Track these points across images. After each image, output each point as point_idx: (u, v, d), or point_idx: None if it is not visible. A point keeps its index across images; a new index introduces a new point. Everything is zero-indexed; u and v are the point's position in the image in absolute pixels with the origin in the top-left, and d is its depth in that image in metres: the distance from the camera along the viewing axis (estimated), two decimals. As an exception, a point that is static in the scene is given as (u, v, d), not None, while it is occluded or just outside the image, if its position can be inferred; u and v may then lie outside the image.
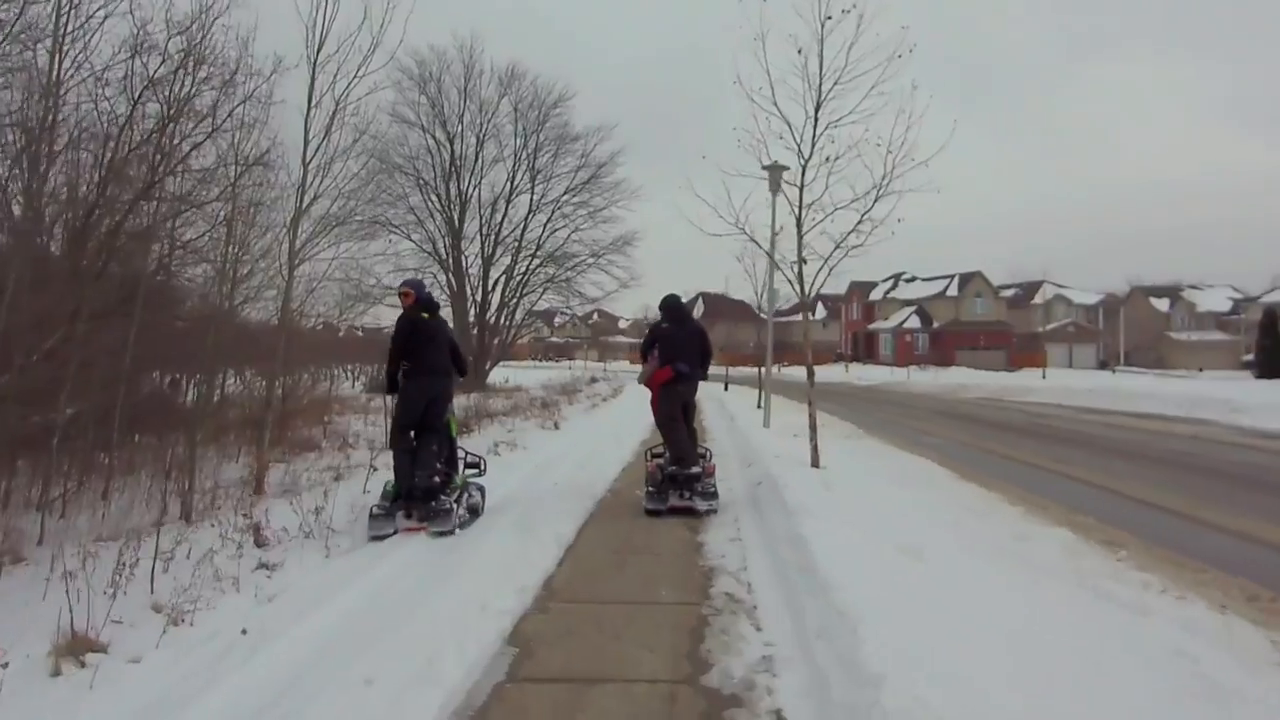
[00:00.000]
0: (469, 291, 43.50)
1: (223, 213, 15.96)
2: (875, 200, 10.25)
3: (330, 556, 6.01)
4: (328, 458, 16.12)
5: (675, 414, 8.64)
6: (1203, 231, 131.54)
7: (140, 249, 13.34)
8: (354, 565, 5.77)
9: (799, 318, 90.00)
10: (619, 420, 19.19)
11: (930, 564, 5.39)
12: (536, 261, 43.84)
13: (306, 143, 16.48)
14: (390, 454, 7.84)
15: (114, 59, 12.31)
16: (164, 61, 13.41)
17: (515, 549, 6.19)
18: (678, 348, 8.69)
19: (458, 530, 7.29)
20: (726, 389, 35.13)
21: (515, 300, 44.17)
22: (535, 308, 47.69)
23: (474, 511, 7.94)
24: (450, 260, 42.61)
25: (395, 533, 7.06)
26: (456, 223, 42.83)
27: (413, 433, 7.64)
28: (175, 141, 14.92)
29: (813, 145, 10.35)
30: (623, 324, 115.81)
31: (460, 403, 25.91)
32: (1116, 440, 15.81)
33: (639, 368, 9.27)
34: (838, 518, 6.56)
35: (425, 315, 7.78)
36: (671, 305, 9.04)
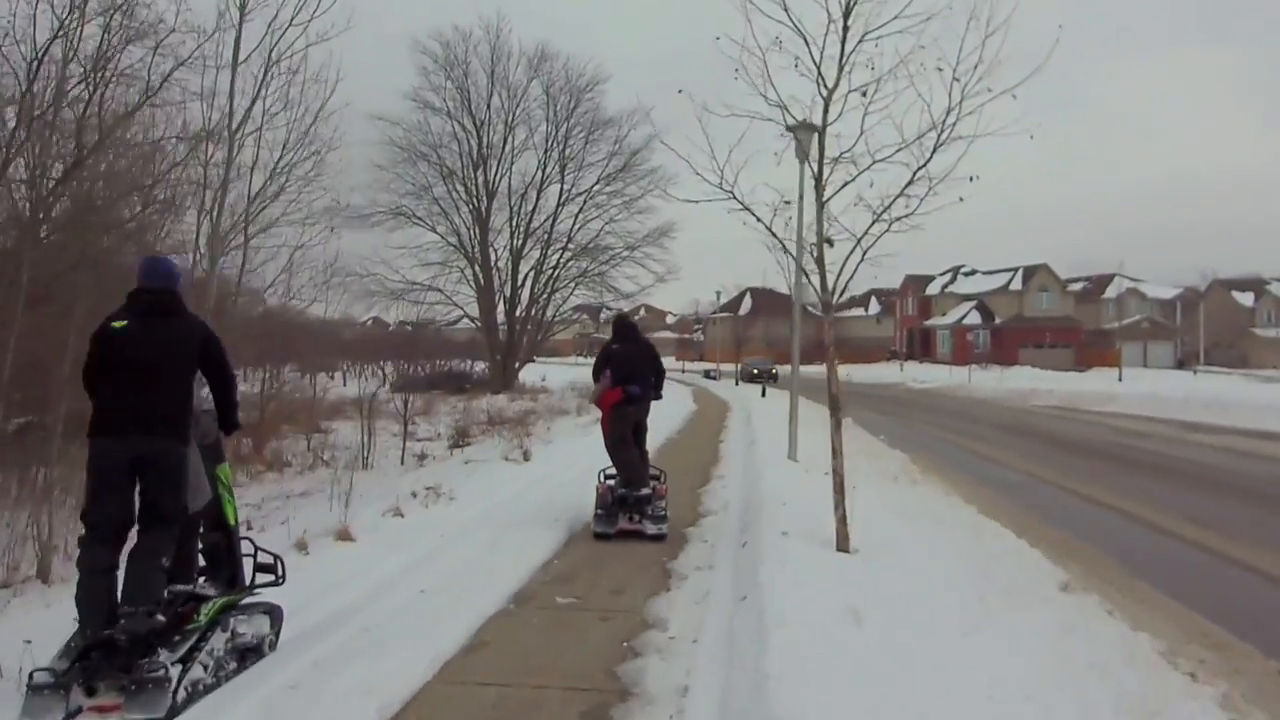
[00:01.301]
0: (498, 286, 40.86)
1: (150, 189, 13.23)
2: (936, 146, 6.78)
3: None
4: (289, 481, 13.15)
5: (626, 435, 8.52)
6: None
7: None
8: None
9: (856, 311, 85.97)
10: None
11: None
12: (568, 255, 41.08)
13: (233, 109, 13.48)
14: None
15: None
16: (71, 11, 10.67)
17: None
18: (629, 368, 8.57)
19: (185, 704, 4.07)
20: (764, 395, 31.46)
21: (545, 296, 41.40)
22: (569, 303, 45.08)
23: (250, 653, 4.73)
24: (478, 253, 40.01)
25: (70, 717, 3.89)
26: (484, 214, 40.17)
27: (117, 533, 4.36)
28: (102, 107, 12.20)
29: (840, 66, 6.89)
30: (670, 319, 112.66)
31: (466, 408, 22.90)
32: (1272, 480, 11.94)
33: (682, 364, 7.99)
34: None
35: (121, 325, 4.47)
36: (622, 324, 9.10)
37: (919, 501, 9.18)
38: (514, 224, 41.00)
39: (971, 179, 6.93)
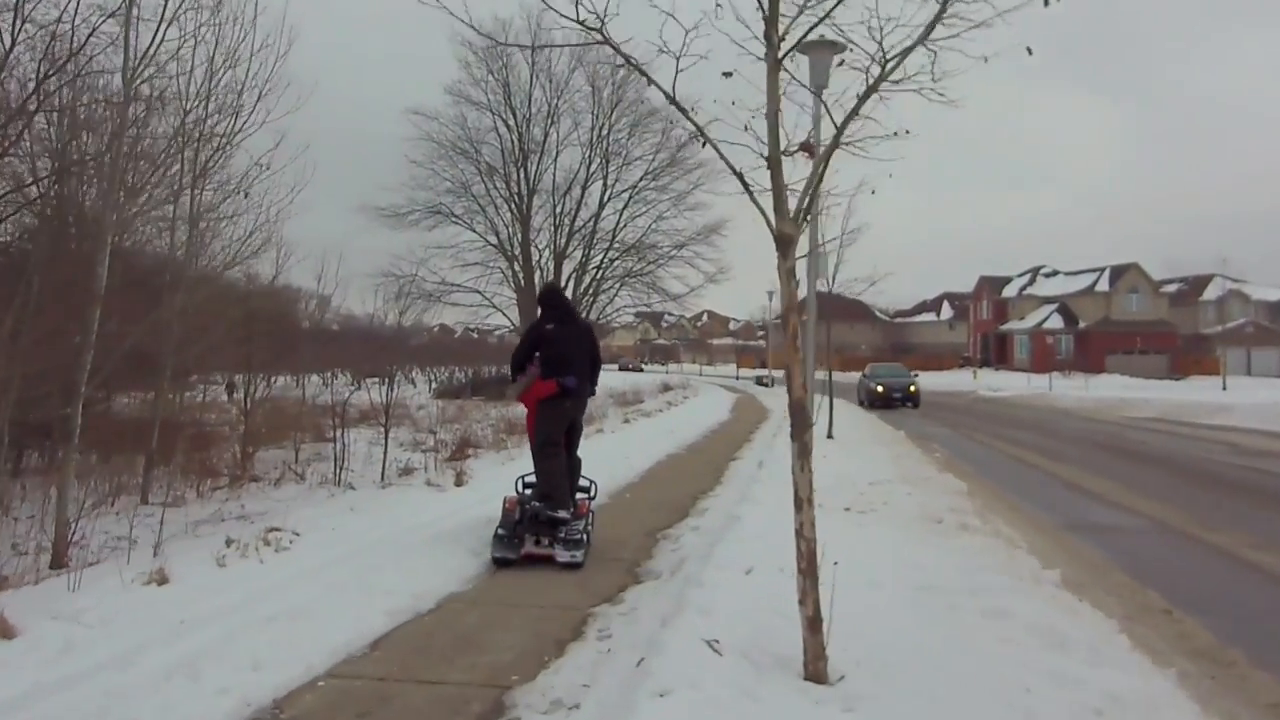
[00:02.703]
0: (540, 287, 38.48)
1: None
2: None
3: None
4: (229, 501, 10.50)
5: (559, 439, 6.77)
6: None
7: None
8: None
9: (926, 316, 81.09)
10: (615, 458, 12.70)
11: None
12: (613, 254, 38.48)
13: (127, 48, 10.79)
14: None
15: None
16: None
17: None
18: (566, 354, 6.80)
19: None
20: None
21: (590, 298, 38.77)
22: (615, 305, 42.37)
23: None
24: (518, 253, 37.70)
25: None
26: (525, 211, 37.82)
27: None
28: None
29: None
30: (733, 325, 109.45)
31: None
32: None
33: (737, 371, 6.83)
34: None
35: None
36: (555, 297, 7.47)
37: (965, 566, 5.93)
38: (556, 222, 38.57)
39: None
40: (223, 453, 12.50)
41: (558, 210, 38.24)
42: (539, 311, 7.25)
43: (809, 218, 3.93)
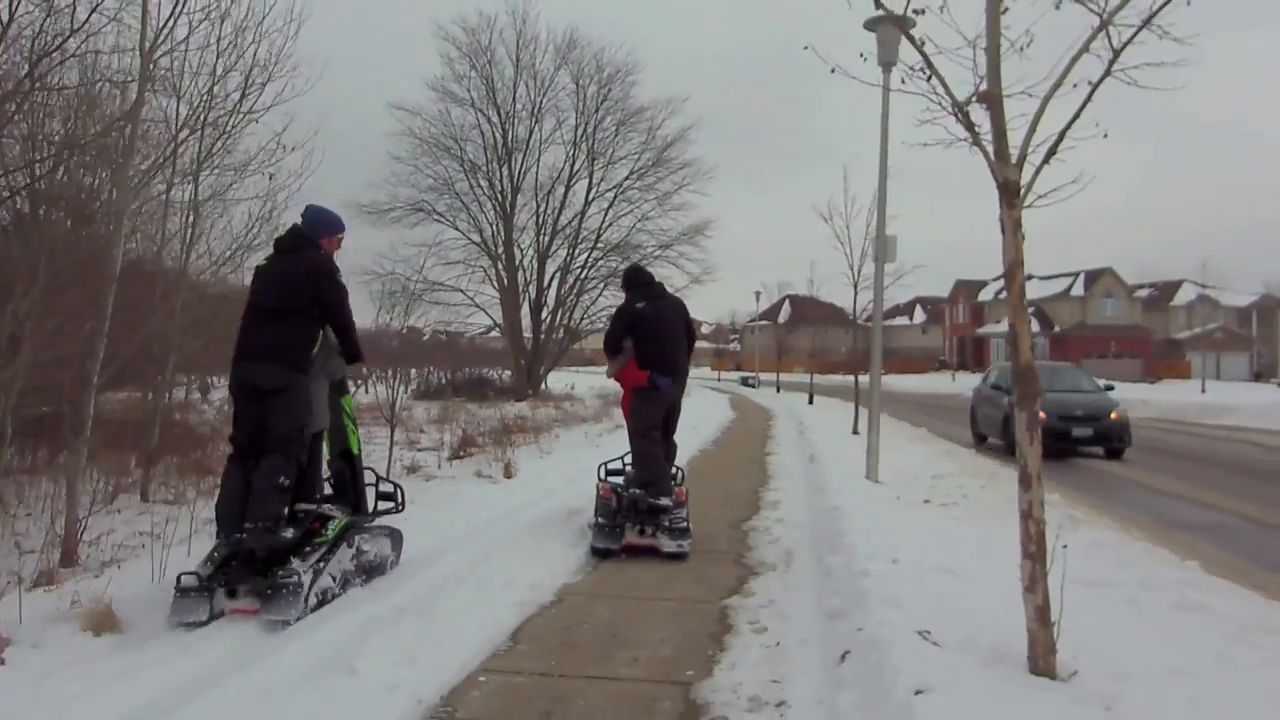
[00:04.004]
0: (523, 286, 37.82)
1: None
2: None
3: None
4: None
5: (658, 424, 6.51)
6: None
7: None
8: None
9: (899, 320, 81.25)
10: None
11: None
12: (597, 254, 37.88)
13: (145, 18, 10.13)
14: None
15: None
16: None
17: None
18: (661, 336, 6.51)
19: (311, 610, 4.27)
20: (811, 401, 28.04)
21: (573, 298, 38.17)
22: (598, 305, 41.75)
23: (372, 571, 5.02)
24: (501, 252, 37.01)
25: (213, 618, 4.11)
26: (508, 210, 37.13)
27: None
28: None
29: None
30: (705, 329, 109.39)
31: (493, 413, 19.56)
32: None
33: (717, 373, 6.94)
34: None
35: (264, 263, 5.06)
36: (641, 275, 7.18)
37: (1109, 560, 5.61)
38: (540, 221, 37.91)
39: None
40: (213, 452, 11.95)
41: (541, 209, 37.57)
42: (630, 292, 6.87)
43: (1049, 159, 3.55)
